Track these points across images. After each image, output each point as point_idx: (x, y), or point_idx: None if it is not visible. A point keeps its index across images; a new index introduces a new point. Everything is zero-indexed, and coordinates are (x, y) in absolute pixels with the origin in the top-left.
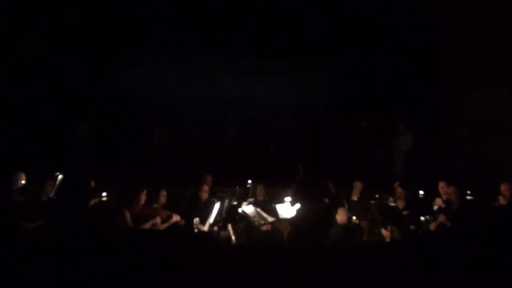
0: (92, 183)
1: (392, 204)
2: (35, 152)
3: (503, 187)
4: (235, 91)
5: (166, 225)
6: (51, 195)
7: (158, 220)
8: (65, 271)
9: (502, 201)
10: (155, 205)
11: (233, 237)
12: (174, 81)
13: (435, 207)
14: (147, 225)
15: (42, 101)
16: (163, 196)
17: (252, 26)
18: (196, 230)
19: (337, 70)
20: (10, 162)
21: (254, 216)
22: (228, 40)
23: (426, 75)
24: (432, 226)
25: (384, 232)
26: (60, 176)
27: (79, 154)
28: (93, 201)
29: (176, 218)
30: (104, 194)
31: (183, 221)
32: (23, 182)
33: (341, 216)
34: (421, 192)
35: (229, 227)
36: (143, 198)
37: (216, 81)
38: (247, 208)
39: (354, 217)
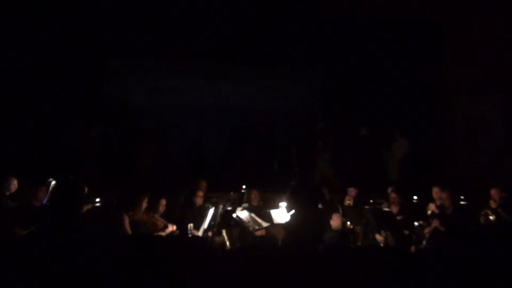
0: (86, 189)
1: (386, 209)
2: (27, 158)
3: (493, 192)
4: (229, 98)
5: (161, 233)
6: (44, 201)
7: (169, 229)
8: (58, 276)
9: (492, 205)
10: (156, 216)
11: (227, 243)
12: (166, 88)
13: (429, 212)
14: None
15: (34, 106)
16: (162, 206)
17: (247, 33)
18: (190, 236)
19: (331, 77)
20: (1, 167)
21: (249, 222)
22: (222, 47)
23: (421, 82)
24: (426, 231)
25: (378, 237)
26: (53, 182)
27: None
28: (86, 207)
29: (172, 228)
30: (97, 199)
31: (177, 231)
32: (15, 187)
33: (335, 222)
34: (415, 197)
35: (224, 232)
36: (144, 204)
37: (210, 88)
38: (242, 214)
39: (348, 222)
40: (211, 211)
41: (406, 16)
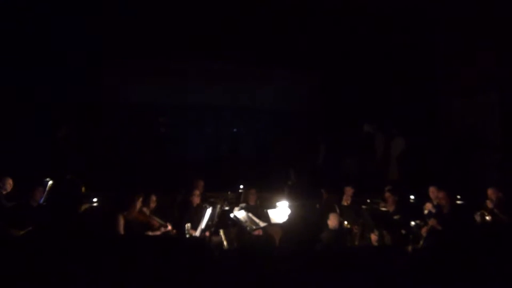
0: (83, 189)
1: (383, 209)
2: (23, 158)
3: (490, 192)
4: (224, 98)
5: (157, 233)
6: (41, 201)
7: (168, 228)
8: (55, 275)
9: (489, 205)
10: (144, 209)
11: (225, 242)
12: (160, 87)
13: (426, 212)
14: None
15: (29, 105)
16: (153, 202)
17: (245, 34)
18: (187, 236)
19: (328, 77)
20: None
21: (246, 221)
22: (216, 48)
23: (418, 81)
24: (423, 231)
25: (372, 236)
26: (50, 182)
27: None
28: (83, 207)
29: (168, 227)
30: (95, 199)
31: (174, 231)
32: (10, 186)
33: (332, 221)
34: (412, 197)
35: (221, 232)
36: (139, 204)
37: (206, 88)
38: (239, 213)
39: (345, 222)
40: (208, 211)
41: (403, 16)
